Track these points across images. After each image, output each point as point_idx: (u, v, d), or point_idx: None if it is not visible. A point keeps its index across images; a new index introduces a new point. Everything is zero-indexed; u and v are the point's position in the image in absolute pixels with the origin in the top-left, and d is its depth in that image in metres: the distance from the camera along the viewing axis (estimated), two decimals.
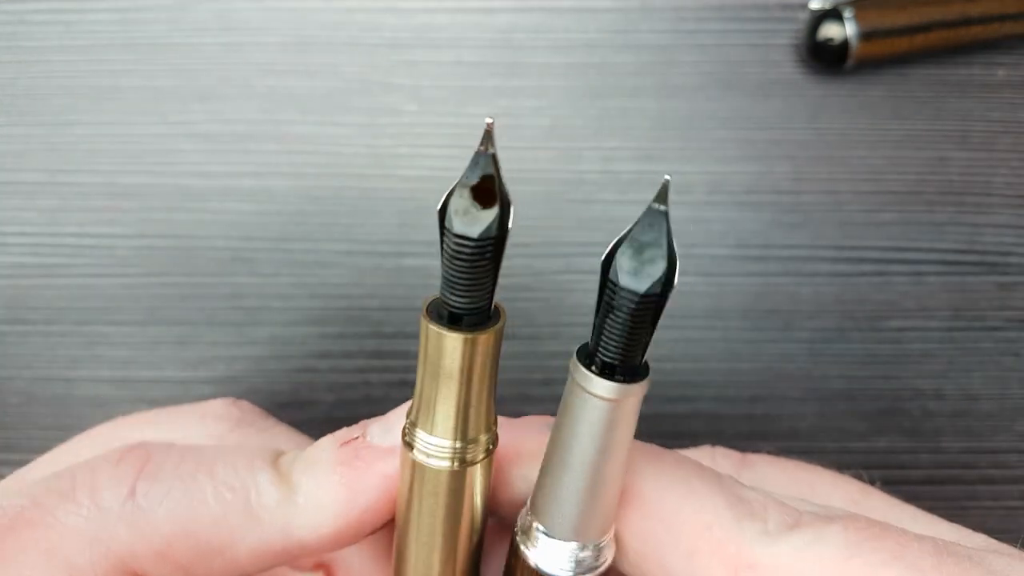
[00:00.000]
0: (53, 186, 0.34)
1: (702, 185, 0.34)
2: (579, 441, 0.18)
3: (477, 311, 0.17)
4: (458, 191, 0.17)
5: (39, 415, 0.34)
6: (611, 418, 0.17)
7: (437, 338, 0.18)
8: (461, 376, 0.18)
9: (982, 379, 0.35)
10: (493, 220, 0.16)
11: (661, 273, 0.16)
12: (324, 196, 0.34)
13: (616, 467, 0.18)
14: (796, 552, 0.18)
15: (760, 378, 0.34)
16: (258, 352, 0.34)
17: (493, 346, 0.18)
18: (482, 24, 0.34)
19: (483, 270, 0.17)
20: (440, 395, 0.18)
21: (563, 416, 0.18)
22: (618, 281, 0.16)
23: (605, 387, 0.17)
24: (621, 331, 0.16)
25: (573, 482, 0.18)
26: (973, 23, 0.34)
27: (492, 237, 0.16)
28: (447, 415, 0.18)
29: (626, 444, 0.18)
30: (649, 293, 0.16)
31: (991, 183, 0.35)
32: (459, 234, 0.16)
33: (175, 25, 0.34)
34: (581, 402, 0.17)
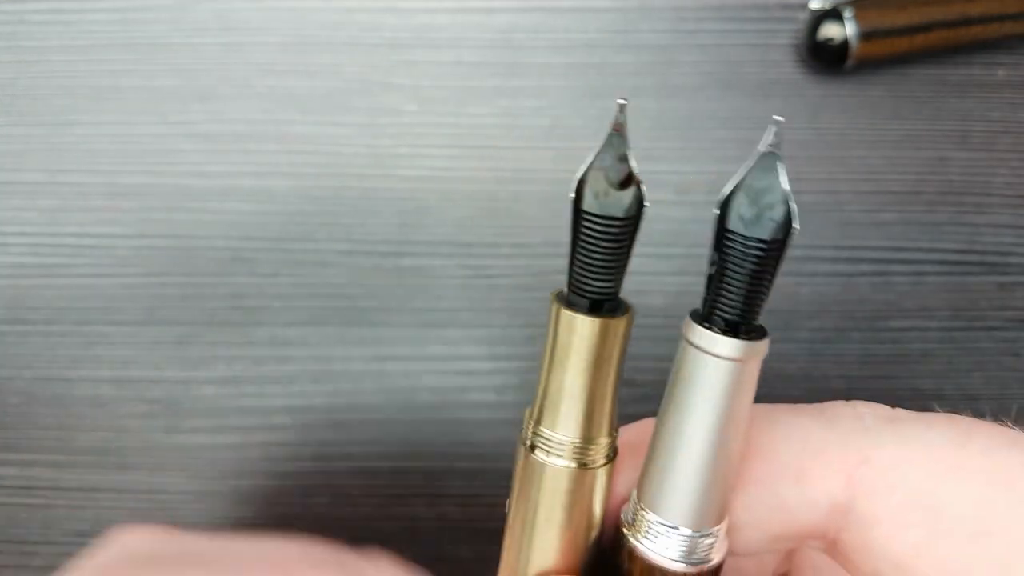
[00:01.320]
0: (53, 186, 0.34)
1: (702, 185, 0.34)
2: (700, 411, 0.16)
3: (614, 296, 0.17)
4: (593, 173, 0.17)
5: (39, 415, 0.34)
6: (736, 381, 0.16)
7: (575, 326, 0.17)
8: (594, 365, 0.17)
9: (982, 379, 0.35)
10: (634, 199, 0.16)
11: (782, 217, 0.16)
12: (324, 196, 0.34)
13: (738, 438, 0.17)
14: (906, 439, 0.17)
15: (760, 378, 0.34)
16: (258, 352, 0.34)
17: (627, 333, 0.18)
18: (482, 24, 0.34)
19: (624, 251, 0.17)
20: (569, 387, 0.18)
21: (678, 387, 0.17)
22: (739, 229, 0.16)
23: (731, 346, 0.16)
24: (744, 283, 0.16)
25: (692, 458, 0.17)
26: (973, 23, 0.34)
27: (634, 216, 0.17)
28: (574, 410, 0.18)
29: (748, 411, 0.17)
30: (773, 239, 0.15)
31: (991, 183, 0.35)
32: (605, 215, 0.16)
33: (175, 25, 0.34)
34: (702, 367, 0.16)
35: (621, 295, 0.18)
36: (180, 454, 0.34)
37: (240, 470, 0.34)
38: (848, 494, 0.18)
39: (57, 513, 0.34)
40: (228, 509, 0.34)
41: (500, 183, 0.34)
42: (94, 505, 0.34)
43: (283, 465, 0.34)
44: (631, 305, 0.18)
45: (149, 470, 0.34)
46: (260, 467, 0.34)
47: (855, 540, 0.18)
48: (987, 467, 0.18)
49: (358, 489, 0.34)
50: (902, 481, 0.18)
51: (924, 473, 0.18)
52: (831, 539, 0.18)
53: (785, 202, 0.16)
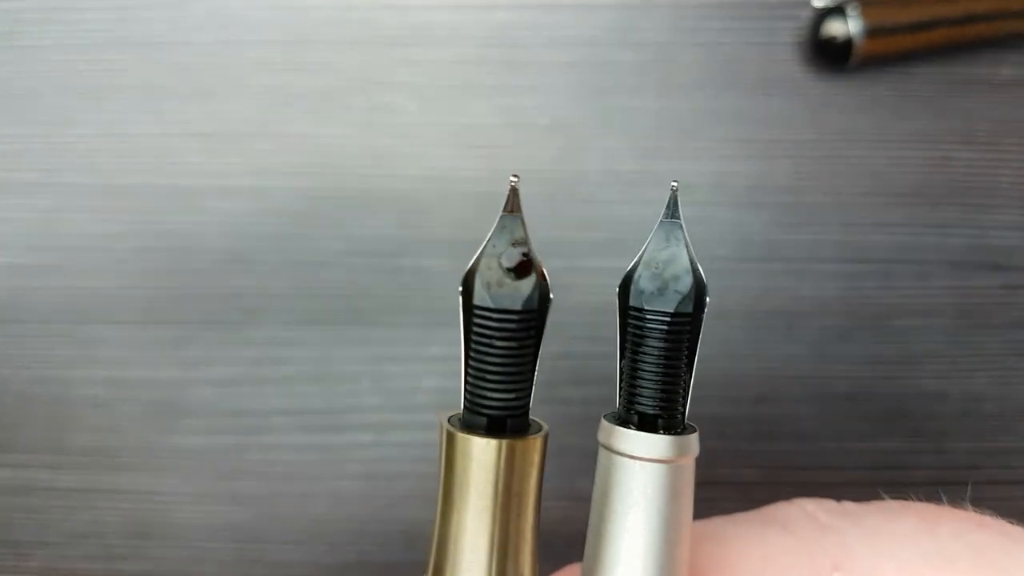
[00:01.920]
0: (50, 186, 0.34)
1: (704, 184, 0.34)
2: (632, 525, 0.14)
3: (520, 410, 0.14)
4: (485, 261, 0.14)
5: (35, 415, 0.34)
6: (668, 485, 0.14)
7: (472, 450, 0.14)
8: (497, 502, 0.14)
9: (987, 380, 0.34)
10: (534, 289, 0.14)
11: (689, 288, 0.14)
12: (322, 195, 0.34)
13: (682, 551, 0.14)
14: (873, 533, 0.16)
15: (763, 379, 0.34)
16: (256, 353, 0.34)
17: (541, 460, 0.14)
18: (482, 22, 0.34)
19: (527, 354, 0.14)
20: (468, 535, 0.14)
21: (602, 502, 0.14)
22: (642, 305, 0.14)
23: (654, 443, 0.14)
24: (658, 366, 0.14)
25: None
26: (978, 21, 0.34)
27: (535, 310, 0.14)
28: (479, 563, 0.14)
29: (688, 519, 0.15)
30: (681, 311, 0.14)
31: (996, 182, 0.34)
32: (500, 308, 0.14)
33: (172, 24, 0.34)
34: (625, 474, 0.14)
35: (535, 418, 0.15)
36: (177, 455, 0.34)
37: (237, 472, 0.34)
38: None
39: (53, 514, 0.34)
40: (225, 511, 0.34)
41: (500, 182, 0.33)
42: (90, 506, 0.34)
43: (280, 467, 0.34)
44: (544, 425, 0.15)
45: (146, 471, 0.34)
46: (257, 469, 0.34)
47: None
48: (965, 552, 0.16)
49: (356, 492, 0.34)
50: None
51: (901, 569, 0.16)
52: None
53: (691, 272, 0.14)
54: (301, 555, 0.34)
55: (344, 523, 0.34)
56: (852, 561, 0.16)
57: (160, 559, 0.34)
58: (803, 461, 0.34)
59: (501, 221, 0.15)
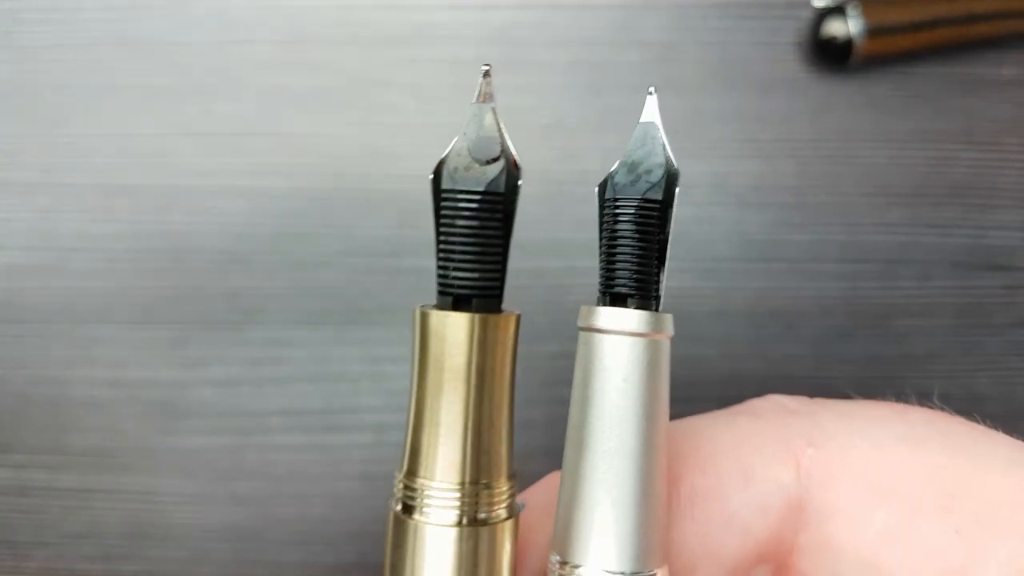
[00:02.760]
0: (48, 186, 0.34)
1: (705, 184, 0.34)
2: (612, 402, 0.14)
3: (488, 290, 0.14)
4: (455, 148, 0.14)
5: (33, 416, 0.34)
6: (639, 360, 0.14)
7: (439, 326, 0.14)
8: (470, 377, 0.14)
9: (988, 380, 0.34)
10: (500, 173, 0.14)
11: (659, 178, 0.14)
12: (321, 195, 0.34)
13: (662, 430, 0.14)
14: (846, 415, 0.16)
15: (764, 379, 0.34)
16: (255, 353, 0.34)
17: (511, 339, 0.14)
18: (481, 21, 0.33)
19: (493, 234, 0.14)
20: (443, 412, 0.14)
21: (582, 386, 0.14)
22: (614, 195, 0.14)
23: (625, 317, 0.14)
24: (629, 247, 0.14)
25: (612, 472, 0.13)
26: (979, 20, 0.34)
27: (500, 193, 0.14)
28: (454, 441, 0.13)
29: (666, 401, 0.14)
30: (650, 198, 0.14)
31: (997, 182, 0.34)
32: (463, 189, 0.14)
33: (171, 23, 0.33)
34: (599, 349, 0.14)
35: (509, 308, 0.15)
36: (176, 456, 0.34)
37: (236, 472, 0.34)
38: (800, 486, 0.16)
39: (51, 515, 0.34)
40: (224, 512, 0.33)
41: None
42: (89, 507, 0.34)
43: (279, 467, 0.34)
44: (517, 312, 0.15)
45: (144, 472, 0.34)
46: (256, 469, 0.34)
47: (814, 540, 0.16)
48: (935, 435, 0.16)
49: (355, 492, 0.34)
50: (855, 460, 0.16)
51: (874, 446, 0.16)
52: (788, 550, 0.16)
53: (663, 165, 0.14)
54: (300, 555, 0.34)
55: (343, 523, 0.34)
56: (825, 437, 0.16)
57: (159, 559, 0.33)
58: None
59: (472, 109, 0.15)
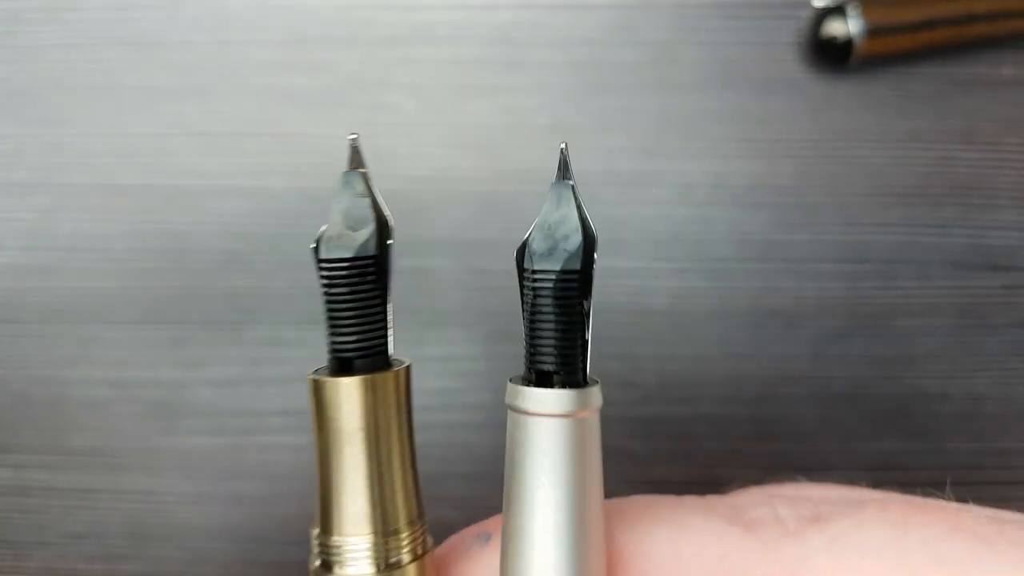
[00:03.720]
0: (47, 185, 0.34)
1: (704, 184, 0.34)
2: (535, 483, 0.14)
3: (370, 351, 0.15)
4: (330, 221, 0.15)
5: (33, 416, 0.34)
6: (568, 440, 0.14)
7: (330, 392, 0.15)
8: (366, 436, 0.15)
9: (988, 380, 0.34)
10: (369, 237, 0.15)
11: (577, 246, 0.14)
12: (321, 195, 0.33)
13: (592, 508, 0.14)
14: (835, 542, 0.15)
15: (763, 379, 0.34)
16: (254, 353, 0.34)
17: (399, 393, 0.15)
18: (481, 21, 0.33)
19: (368, 297, 0.15)
20: (345, 472, 0.15)
21: (509, 461, 0.14)
22: (532, 265, 0.14)
23: (550, 399, 0.14)
24: (550, 323, 0.14)
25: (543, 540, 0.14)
26: (978, 20, 0.34)
27: (370, 256, 0.15)
28: (357, 498, 0.15)
29: (596, 475, 0.14)
30: (568, 269, 0.14)
31: (997, 182, 0.34)
32: (333, 258, 0.14)
33: (170, 23, 0.33)
34: (526, 431, 0.14)
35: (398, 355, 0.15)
36: (176, 456, 0.34)
37: (236, 472, 0.34)
38: None
39: (51, 515, 0.34)
40: (224, 511, 0.33)
41: (500, 182, 0.34)
42: (89, 507, 0.34)
43: (279, 468, 0.34)
44: (405, 362, 0.15)
45: (144, 472, 0.34)
46: (256, 469, 0.34)
47: None
48: (930, 564, 0.15)
49: None
50: None
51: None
52: None
53: (580, 230, 0.14)
54: (300, 555, 0.33)
55: None
56: (809, 573, 0.16)
57: (159, 559, 0.33)
58: (803, 461, 0.34)
59: (342, 178, 0.15)
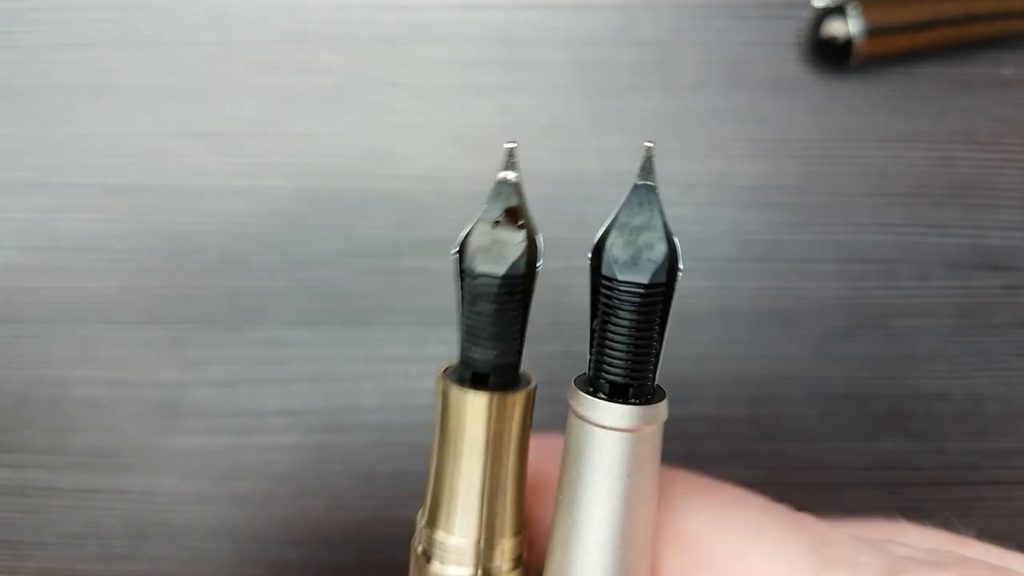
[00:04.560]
0: (47, 186, 0.34)
1: (705, 184, 0.34)
2: (593, 492, 0.14)
3: (505, 368, 0.15)
4: (479, 226, 0.15)
5: (33, 416, 0.34)
6: (631, 454, 0.14)
7: (459, 402, 0.15)
8: (487, 449, 0.15)
9: (988, 380, 0.34)
10: (520, 256, 0.15)
11: (663, 257, 0.14)
12: (321, 195, 0.34)
13: (643, 523, 0.14)
14: None
15: (763, 379, 0.34)
16: (255, 353, 0.34)
17: (525, 412, 0.15)
18: (482, 21, 0.33)
19: (511, 315, 0.15)
20: (461, 478, 0.15)
21: (567, 465, 0.15)
22: (615, 275, 0.14)
23: (619, 413, 0.14)
24: (628, 336, 0.14)
25: (590, 550, 0.14)
26: (979, 20, 0.34)
27: (520, 275, 0.15)
28: (470, 504, 0.15)
29: (652, 490, 0.14)
30: (654, 283, 0.14)
31: (997, 182, 0.34)
32: (483, 272, 0.14)
33: (171, 23, 0.33)
34: (590, 440, 0.14)
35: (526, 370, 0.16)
36: (176, 456, 0.34)
37: (236, 472, 0.34)
38: None
39: (51, 515, 0.34)
40: (224, 512, 0.33)
41: None
42: (89, 507, 0.34)
43: (279, 468, 0.34)
44: (533, 379, 0.16)
45: (144, 472, 0.34)
46: (256, 469, 0.34)
47: None
48: None
49: (355, 492, 0.34)
50: None
51: None
52: None
53: (665, 239, 0.14)
54: (300, 555, 0.34)
55: (343, 523, 0.34)
56: None
57: (159, 559, 0.33)
58: (803, 461, 0.34)
59: (497, 186, 0.15)
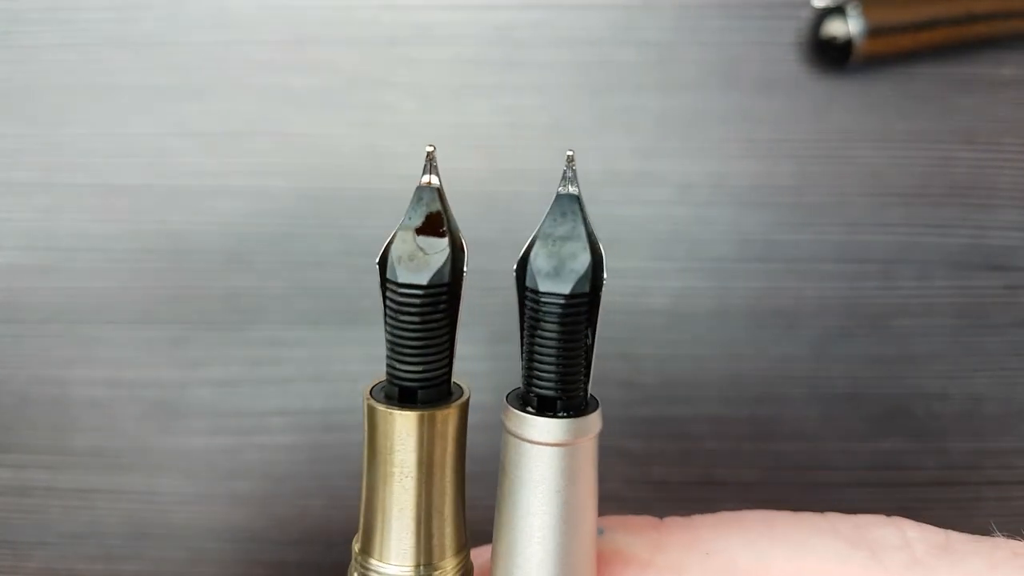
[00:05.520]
0: (47, 185, 0.34)
1: (705, 184, 0.34)
2: (527, 511, 0.14)
3: (433, 382, 0.14)
4: (400, 235, 0.14)
5: (33, 416, 0.34)
6: (564, 468, 0.13)
7: (387, 421, 0.14)
8: (420, 470, 0.14)
9: (988, 380, 0.34)
10: (444, 263, 0.14)
11: (586, 267, 0.13)
12: (321, 195, 0.34)
13: (581, 534, 0.14)
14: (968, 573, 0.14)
15: (763, 379, 0.34)
16: (255, 353, 0.34)
17: (458, 427, 0.15)
18: (482, 20, 0.33)
19: (436, 327, 0.14)
20: (394, 503, 0.14)
21: (503, 480, 0.14)
22: (538, 286, 0.13)
23: (549, 428, 0.13)
24: (554, 348, 0.13)
25: (533, 569, 0.14)
26: (979, 20, 0.34)
27: (444, 284, 0.14)
28: (405, 528, 0.14)
29: (590, 500, 0.14)
30: (576, 292, 0.13)
31: (997, 182, 0.34)
32: (405, 283, 0.14)
33: (170, 23, 0.33)
34: (521, 457, 0.14)
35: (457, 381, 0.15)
36: (176, 456, 0.34)
37: (236, 472, 0.34)
38: None
39: (51, 515, 0.34)
40: (224, 511, 0.33)
41: (500, 182, 0.34)
42: (89, 507, 0.34)
43: (279, 467, 0.34)
44: (466, 391, 0.15)
45: (145, 472, 0.34)
46: (256, 469, 0.34)
47: None
48: None
49: (355, 492, 0.34)
50: None
51: None
52: None
53: (588, 248, 0.13)
54: (300, 555, 0.34)
55: (343, 523, 0.34)
56: None
57: (159, 559, 0.33)
58: (803, 461, 0.34)
59: (417, 192, 0.14)
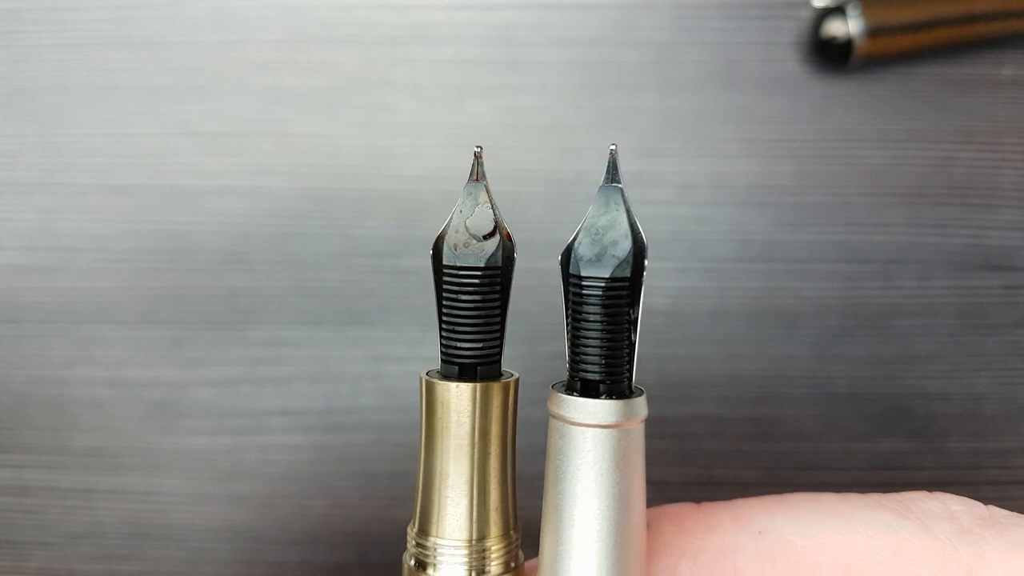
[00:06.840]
0: (47, 185, 0.34)
1: (705, 184, 0.34)
2: (576, 489, 0.14)
3: (489, 359, 0.16)
4: (453, 227, 0.16)
5: (33, 416, 0.34)
6: (609, 450, 0.14)
7: (445, 394, 0.15)
8: (480, 441, 0.15)
9: (988, 380, 0.34)
10: (497, 248, 0.15)
11: (627, 253, 0.14)
12: (321, 195, 0.34)
13: (633, 516, 0.14)
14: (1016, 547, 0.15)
15: (763, 379, 0.34)
16: (254, 353, 0.34)
17: (510, 403, 0.16)
18: (482, 21, 0.33)
19: (492, 305, 0.15)
20: (451, 476, 0.15)
21: (550, 466, 0.15)
22: (580, 272, 0.14)
23: (593, 409, 0.14)
24: (597, 331, 0.14)
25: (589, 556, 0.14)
26: (978, 20, 0.34)
27: (498, 267, 0.15)
28: (461, 501, 0.15)
29: (639, 484, 0.14)
30: (617, 276, 0.14)
31: (997, 182, 0.34)
32: (464, 266, 0.15)
33: (170, 23, 0.33)
34: (566, 439, 0.14)
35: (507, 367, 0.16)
36: (176, 456, 0.34)
37: (236, 472, 0.34)
38: None
39: (52, 515, 0.34)
40: (224, 511, 0.33)
41: (500, 182, 0.33)
42: (89, 507, 0.34)
43: (279, 467, 0.34)
44: (515, 374, 0.16)
45: (144, 472, 0.34)
46: (256, 469, 0.34)
47: None
48: None
49: (355, 492, 0.34)
50: None
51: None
52: None
53: (630, 236, 0.14)
54: (300, 555, 0.34)
55: (343, 523, 0.34)
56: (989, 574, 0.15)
57: (159, 559, 0.33)
58: (803, 461, 0.34)
59: (467, 188, 0.16)
